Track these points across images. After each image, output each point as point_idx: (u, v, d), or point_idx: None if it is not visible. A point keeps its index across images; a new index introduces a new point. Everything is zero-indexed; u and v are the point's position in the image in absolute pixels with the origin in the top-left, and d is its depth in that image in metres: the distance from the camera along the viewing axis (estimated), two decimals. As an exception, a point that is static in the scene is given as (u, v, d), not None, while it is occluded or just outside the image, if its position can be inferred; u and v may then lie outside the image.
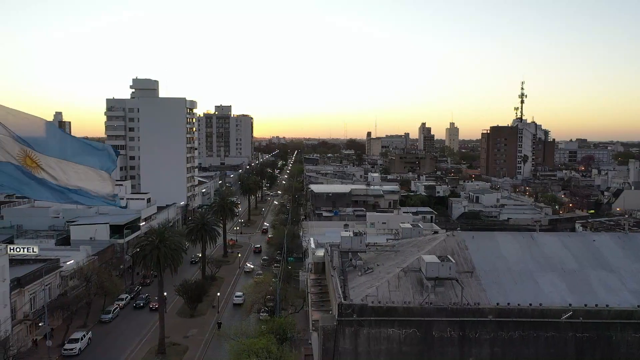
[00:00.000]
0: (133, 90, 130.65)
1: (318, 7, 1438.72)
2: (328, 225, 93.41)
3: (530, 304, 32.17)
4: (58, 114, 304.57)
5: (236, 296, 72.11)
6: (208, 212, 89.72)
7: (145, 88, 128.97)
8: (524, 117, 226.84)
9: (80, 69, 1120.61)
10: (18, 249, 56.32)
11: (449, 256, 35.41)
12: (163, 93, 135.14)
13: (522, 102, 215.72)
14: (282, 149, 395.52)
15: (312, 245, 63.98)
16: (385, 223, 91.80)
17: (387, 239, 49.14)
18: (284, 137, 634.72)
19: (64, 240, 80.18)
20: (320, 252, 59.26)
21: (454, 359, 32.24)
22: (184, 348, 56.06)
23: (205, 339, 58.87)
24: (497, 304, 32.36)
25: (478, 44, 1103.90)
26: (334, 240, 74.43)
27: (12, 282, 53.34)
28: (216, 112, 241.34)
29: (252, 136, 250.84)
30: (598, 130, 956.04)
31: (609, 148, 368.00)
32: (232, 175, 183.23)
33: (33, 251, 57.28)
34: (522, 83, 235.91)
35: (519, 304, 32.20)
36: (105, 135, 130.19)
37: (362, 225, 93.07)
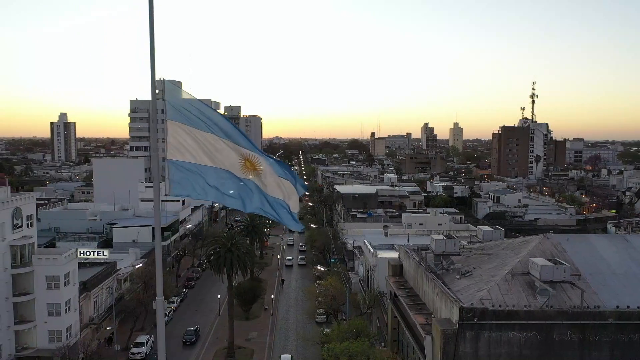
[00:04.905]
0: (157, 91, 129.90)
1: (314, 4, 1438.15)
2: (365, 226, 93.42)
3: (650, 307, 32.35)
4: (63, 115, 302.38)
5: (287, 259, 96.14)
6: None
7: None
8: (527, 117, 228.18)
9: (83, 69, 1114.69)
10: (88, 253, 56.00)
11: (559, 259, 35.56)
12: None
13: (533, 102, 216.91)
14: (285, 150, 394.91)
15: (370, 248, 64.06)
16: (422, 224, 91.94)
17: (467, 242, 49.15)
18: (281, 137, 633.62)
19: (105, 243, 79.65)
20: (387, 254, 59.52)
21: (573, 362, 32.34)
22: (250, 351, 55.95)
23: (268, 342, 58.78)
24: (617, 306, 32.54)
25: (479, 45, 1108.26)
26: (376, 242, 74.71)
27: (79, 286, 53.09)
28: (226, 113, 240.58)
29: (262, 137, 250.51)
30: (594, 130, 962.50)
31: (609, 148, 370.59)
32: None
33: (103, 255, 57.01)
34: (533, 83, 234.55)
35: (638, 307, 32.40)
36: (129, 137, 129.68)
37: (399, 227, 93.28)
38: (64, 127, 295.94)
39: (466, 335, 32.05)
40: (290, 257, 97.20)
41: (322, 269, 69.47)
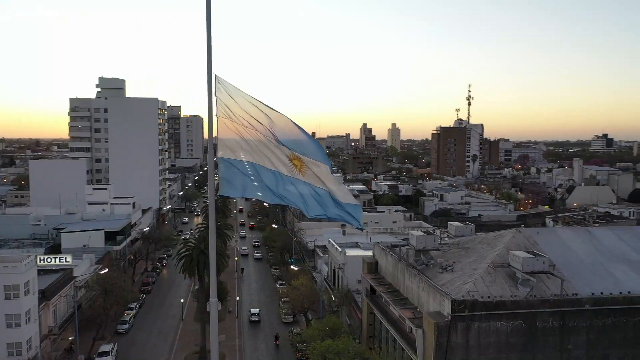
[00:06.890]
0: (99, 89, 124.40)
1: (255, 3, 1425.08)
2: (322, 226, 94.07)
3: (621, 293, 35.05)
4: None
5: (243, 249, 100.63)
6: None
7: (112, 87, 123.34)
8: (462, 118, 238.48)
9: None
10: (49, 259, 52.65)
11: (535, 251, 37.63)
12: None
13: (469, 104, 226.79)
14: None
15: (337, 247, 64.64)
16: (378, 222, 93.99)
17: (440, 238, 50.56)
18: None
19: (53, 249, 75.27)
20: (354, 252, 60.37)
21: (555, 347, 34.51)
22: (221, 355, 54.72)
23: (238, 345, 57.97)
24: (592, 294, 34.93)
25: (411, 45, 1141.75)
26: (337, 241, 75.53)
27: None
28: (165, 112, 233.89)
29: (203, 137, 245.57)
30: (518, 130, 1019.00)
31: (535, 147, 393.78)
32: (196, 177, 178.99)
33: (66, 261, 53.79)
34: (469, 86, 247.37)
35: (611, 293, 34.98)
36: (69, 137, 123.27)
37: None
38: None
39: (458, 327, 33.31)
40: (246, 248, 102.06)
41: (296, 269, 69.19)
